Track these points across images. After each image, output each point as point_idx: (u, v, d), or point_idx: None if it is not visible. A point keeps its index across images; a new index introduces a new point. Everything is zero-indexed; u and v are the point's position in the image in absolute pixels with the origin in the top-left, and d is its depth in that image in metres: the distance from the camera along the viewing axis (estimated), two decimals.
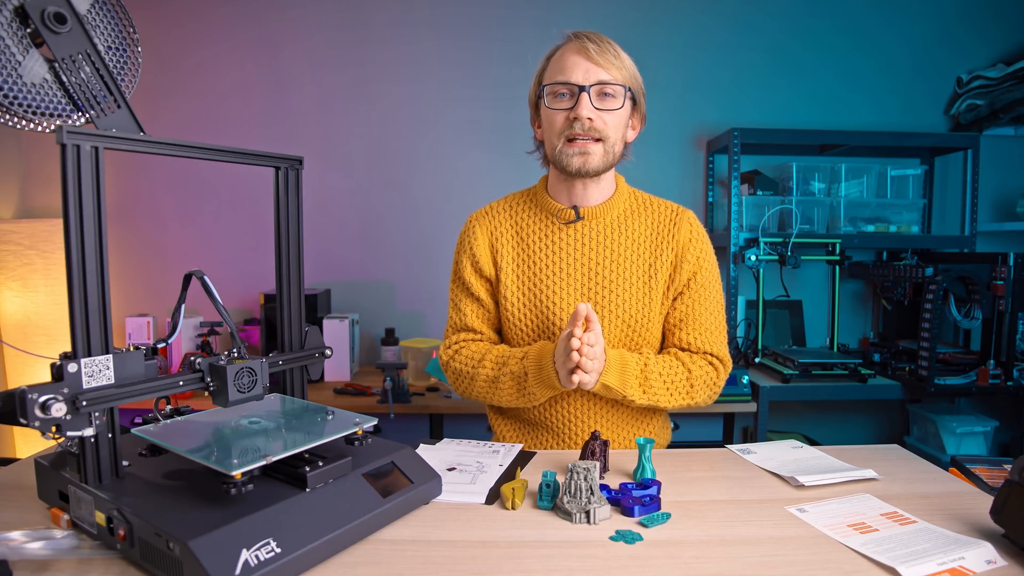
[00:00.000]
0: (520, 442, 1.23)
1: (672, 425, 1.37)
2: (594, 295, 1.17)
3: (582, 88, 1.08)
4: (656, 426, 1.25)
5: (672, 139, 2.59)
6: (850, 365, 2.08)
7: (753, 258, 2.22)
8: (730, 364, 1.20)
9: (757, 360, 2.26)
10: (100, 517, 0.71)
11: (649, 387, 1.11)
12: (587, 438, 1.19)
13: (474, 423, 2.24)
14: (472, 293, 1.23)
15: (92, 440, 0.72)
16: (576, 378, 1.01)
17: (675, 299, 1.19)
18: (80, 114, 0.78)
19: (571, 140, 1.11)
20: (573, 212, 1.18)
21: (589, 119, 1.08)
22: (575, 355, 0.99)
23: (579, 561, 0.72)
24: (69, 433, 0.69)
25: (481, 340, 1.24)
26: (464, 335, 1.24)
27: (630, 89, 1.11)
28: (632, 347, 1.18)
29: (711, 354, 1.17)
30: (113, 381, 0.72)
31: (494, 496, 0.90)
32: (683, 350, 1.18)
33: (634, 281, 1.17)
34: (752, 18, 2.54)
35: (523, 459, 1.05)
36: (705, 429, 2.62)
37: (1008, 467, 1.00)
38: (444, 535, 0.79)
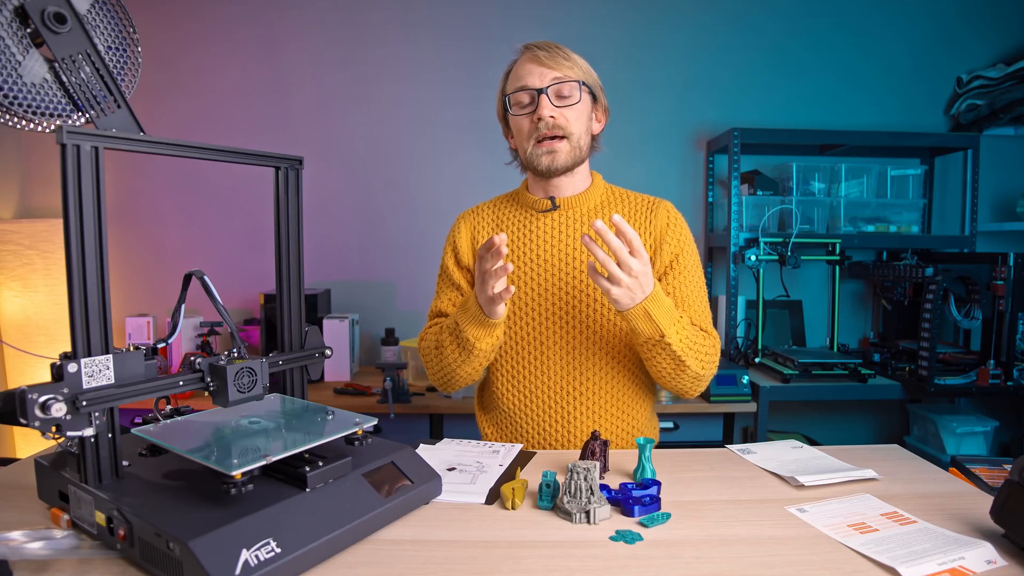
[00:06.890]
0: (500, 440, 1.23)
1: (672, 425, 1.36)
2: (571, 282, 1.19)
3: (540, 91, 1.14)
4: (642, 422, 1.24)
5: (672, 139, 2.59)
6: (850, 365, 2.08)
7: (753, 258, 2.22)
8: (720, 342, 1.21)
9: (757, 360, 2.25)
10: (100, 517, 0.70)
11: (685, 336, 1.07)
12: (573, 436, 1.19)
13: (474, 423, 2.23)
14: (452, 281, 1.28)
15: (92, 440, 0.72)
16: (498, 309, 1.04)
17: (659, 279, 1.19)
18: (80, 114, 0.78)
19: (539, 141, 1.16)
20: (549, 201, 1.22)
21: (552, 117, 1.14)
22: (490, 281, 1.00)
23: (579, 561, 0.72)
24: (69, 433, 0.69)
25: None
26: (437, 319, 1.28)
27: (585, 83, 1.17)
28: (615, 333, 1.18)
29: (705, 331, 1.17)
30: (113, 381, 0.72)
31: (494, 496, 0.90)
32: None
33: None
34: (752, 18, 2.54)
35: (523, 459, 1.05)
36: (705, 429, 2.62)
37: (1008, 467, 1.00)
38: (444, 535, 0.79)
